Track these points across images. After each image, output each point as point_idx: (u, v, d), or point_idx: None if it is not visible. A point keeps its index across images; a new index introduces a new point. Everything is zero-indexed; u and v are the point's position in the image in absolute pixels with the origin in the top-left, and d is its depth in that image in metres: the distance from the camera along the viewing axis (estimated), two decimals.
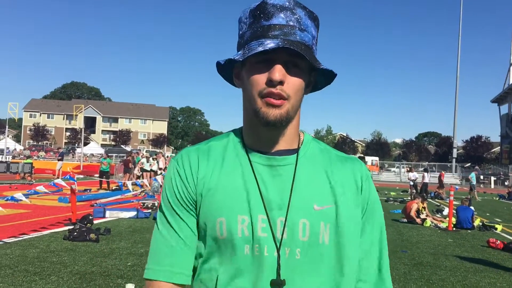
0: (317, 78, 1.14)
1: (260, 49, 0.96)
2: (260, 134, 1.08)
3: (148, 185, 19.32)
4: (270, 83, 0.99)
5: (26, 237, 8.31)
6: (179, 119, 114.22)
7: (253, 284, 0.99)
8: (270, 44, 0.97)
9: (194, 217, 1.09)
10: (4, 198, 14.15)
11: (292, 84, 1.01)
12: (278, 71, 0.98)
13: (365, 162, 10.41)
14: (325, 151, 1.16)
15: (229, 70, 1.14)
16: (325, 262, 1.03)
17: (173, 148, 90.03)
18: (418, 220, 12.62)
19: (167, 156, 27.43)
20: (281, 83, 0.99)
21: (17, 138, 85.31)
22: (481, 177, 46.06)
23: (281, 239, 1.01)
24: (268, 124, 1.01)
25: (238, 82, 1.12)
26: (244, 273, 1.00)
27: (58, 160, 29.19)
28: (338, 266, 1.04)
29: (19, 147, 56.21)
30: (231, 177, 1.06)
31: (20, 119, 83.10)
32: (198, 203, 1.07)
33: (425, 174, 23.93)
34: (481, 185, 42.26)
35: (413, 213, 12.78)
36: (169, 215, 1.10)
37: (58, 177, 22.23)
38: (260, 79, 1.01)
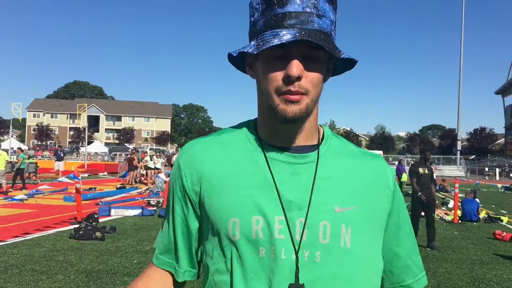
0: (335, 63, 1.05)
1: (276, 41, 0.88)
2: (277, 128, 1.00)
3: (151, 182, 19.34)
4: (288, 79, 0.91)
5: (32, 236, 8.35)
6: (182, 116, 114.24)
7: None
8: (286, 35, 0.88)
9: (194, 214, 1.05)
10: (8, 199, 14.21)
11: (311, 78, 0.93)
12: (296, 67, 0.90)
13: (429, 157, 8.94)
14: (347, 147, 1.09)
15: (241, 59, 1.06)
16: (347, 266, 0.96)
17: (176, 145, 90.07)
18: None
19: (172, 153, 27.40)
20: (298, 79, 0.91)
21: (21, 138, 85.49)
22: (486, 169, 45.91)
23: (300, 241, 0.94)
24: (287, 121, 0.94)
25: (252, 73, 1.04)
26: (260, 277, 0.94)
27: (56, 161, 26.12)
28: (360, 270, 0.99)
29: (23, 147, 56.39)
30: (245, 175, 1.00)
31: (24, 119, 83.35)
32: (202, 200, 1.02)
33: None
34: (486, 177, 42.10)
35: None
36: (168, 208, 1.10)
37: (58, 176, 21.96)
38: (276, 75, 0.93)
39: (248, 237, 0.95)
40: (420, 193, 8.39)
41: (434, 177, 9.54)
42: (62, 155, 26.34)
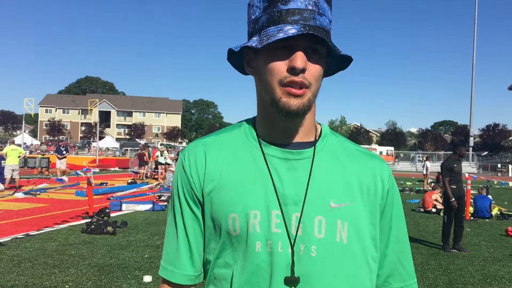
0: (329, 63, 1.07)
1: (281, 35, 0.90)
2: (276, 125, 1.02)
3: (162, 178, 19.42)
4: (292, 71, 0.93)
5: (45, 230, 8.44)
6: (192, 112, 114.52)
7: (267, 281, 0.96)
8: (291, 30, 0.91)
9: (201, 214, 1.06)
10: (21, 193, 14.37)
11: (313, 71, 0.95)
12: (300, 58, 0.92)
13: (465, 153, 7.81)
14: (344, 145, 1.10)
15: (238, 57, 1.07)
16: (343, 261, 0.98)
17: (187, 141, 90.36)
18: (434, 208, 12.61)
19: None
20: (303, 71, 0.93)
21: (33, 134, 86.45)
22: (499, 165, 45.44)
23: (296, 235, 0.96)
24: (290, 114, 0.96)
25: (251, 70, 1.05)
26: (258, 270, 0.97)
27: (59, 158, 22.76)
28: (356, 265, 1.00)
29: (35, 142, 57.00)
30: (244, 171, 1.02)
31: (36, 115, 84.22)
32: (206, 199, 1.03)
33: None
34: (499, 174, 41.68)
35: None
36: (175, 211, 1.08)
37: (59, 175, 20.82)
38: (280, 67, 0.94)
39: (247, 231, 0.98)
40: (453, 199, 7.59)
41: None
42: (64, 151, 23.03)
